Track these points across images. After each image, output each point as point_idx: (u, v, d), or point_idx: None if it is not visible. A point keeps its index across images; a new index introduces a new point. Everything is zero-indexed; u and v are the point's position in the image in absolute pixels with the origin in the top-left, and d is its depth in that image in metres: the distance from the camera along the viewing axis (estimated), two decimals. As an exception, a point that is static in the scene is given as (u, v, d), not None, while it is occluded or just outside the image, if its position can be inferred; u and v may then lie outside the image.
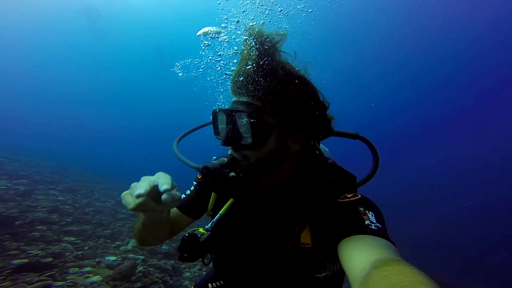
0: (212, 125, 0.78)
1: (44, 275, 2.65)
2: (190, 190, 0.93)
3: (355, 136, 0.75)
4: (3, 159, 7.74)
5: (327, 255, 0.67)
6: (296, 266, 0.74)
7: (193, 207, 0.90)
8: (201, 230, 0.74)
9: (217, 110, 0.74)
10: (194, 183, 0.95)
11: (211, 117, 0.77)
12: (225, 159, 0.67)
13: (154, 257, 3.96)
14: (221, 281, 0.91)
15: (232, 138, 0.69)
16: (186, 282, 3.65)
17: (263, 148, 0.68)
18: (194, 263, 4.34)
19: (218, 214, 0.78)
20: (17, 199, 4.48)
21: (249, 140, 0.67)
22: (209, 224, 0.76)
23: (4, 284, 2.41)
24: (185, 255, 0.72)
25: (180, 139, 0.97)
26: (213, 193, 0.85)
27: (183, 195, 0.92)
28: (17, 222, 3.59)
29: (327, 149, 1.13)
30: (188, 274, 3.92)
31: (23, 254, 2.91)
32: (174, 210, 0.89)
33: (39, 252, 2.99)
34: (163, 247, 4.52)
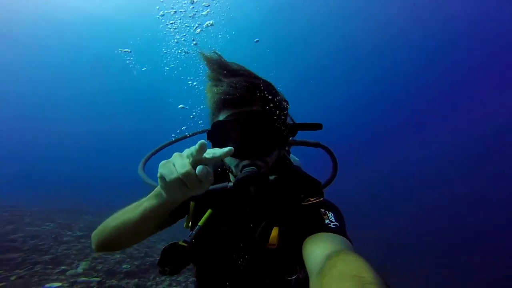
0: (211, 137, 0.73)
1: None
2: None
3: (316, 145, 0.82)
4: None
5: (297, 258, 0.67)
6: (265, 267, 0.76)
7: (176, 209, 0.81)
8: (180, 242, 0.74)
9: (232, 120, 0.70)
10: None
11: (216, 129, 0.71)
12: (253, 168, 0.67)
13: (113, 278, 3.31)
14: None
15: (258, 145, 0.69)
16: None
17: (275, 152, 0.73)
18: (162, 278, 3.79)
19: (197, 226, 0.77)
20: None
21: (279, 144, 0.72)
22: (189, 236, 0.76)
23: None
24: (166, 268, 0.72)
25: (147, 160, 0.88)
26: (191, 204, 0.83)
27: None
28: None
29: (297, 159, 1.17)
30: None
31: None
32: None
33: None
34: (124, 266, 3.84)
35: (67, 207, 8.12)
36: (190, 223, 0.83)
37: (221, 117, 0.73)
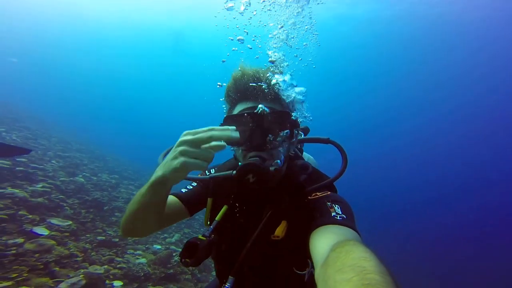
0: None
1: (112, 251, 3.62)
2: (192, 186, 0.98)
3: (326, 141, 0.84)
4: (108, 158, 10.67)
5: (305, 251, 0.68)
6: (270, 258, 0.80)
7: (193, 202, 0.93)
8: (200, 236, 0.80)
9: (241, 114, 0.77)
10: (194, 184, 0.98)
11: (227, 122, 0.79)
12: (256, 158, 0.71)
13: (191, 252, 4.62)
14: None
15: (264, 139, 0.75)
16: (212, 279, 4.09)
17: (282, 147, 0.78)
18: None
19: (215, 221, 0.85)
20: (108, 189, 6.16)
21: (284, 137, 0.77)
22: (207, 231, 0.82)
23: (92, 254, 3.46)
24: (187, 260, 0.76)
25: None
26: (209, 200, 0.90)
27: (184, 189, 0.96)
28: (105, 208, 4.98)
29: (311, 157, 1.23)
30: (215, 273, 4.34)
31: (104, 233, 4.06)
32: (173, 199, 0.92)
33: (112, 233, 4.09)
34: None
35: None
36: (208, 219, 0.90)
37: (234, 111, 0.82)
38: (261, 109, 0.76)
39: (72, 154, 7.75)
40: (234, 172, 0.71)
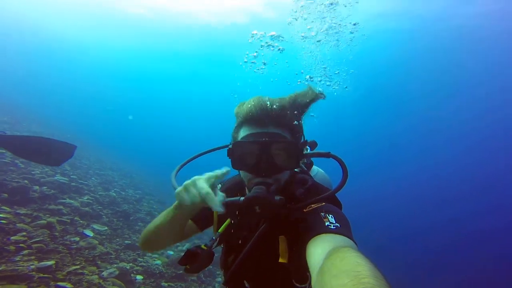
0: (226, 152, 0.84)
1: (135, 253, 4.59)
2: None
3: (327, 155, 0.85)
4: (135, 175, 12.15)
5: (306, 266, 0.68)
6: (279, 279, 0.83)
7: (202, 220, 1.02)
8: (203, 246, 0.83)
9: (249, 141, 0.79)
10: None
11: (235, 148, 0.81)
12: (262, 187, 0.74)
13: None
14: None
15: (271, 164, 0.77)
16: (216, 285, 4.81)
17: (287, 171, 0.81)
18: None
19: (217, 233, 0.89)
20: (133, 203, 7.33)
21: (291, 164, 0.80)
22: (210, 241, 0.85)
23: (121, 254, 4.46)
24: (188, 267, 0.79)
25: (179, 169, 0.96)
26: (215, 213, 0.94)
27: None
28: (131, 218, 6.08)
29: (321, 170, 1.31)
30: (219, 279, 5.07)
31: (129, 238, 5.07)
32: None
33: (135, 239, 5.09)
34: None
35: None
36: (216, 230, 0.93)
37: (242, 133, 0.84)
38: (266, 135, 0.78)
39: (106, 172, 9.23)
40: (242, 198, 0.74)
